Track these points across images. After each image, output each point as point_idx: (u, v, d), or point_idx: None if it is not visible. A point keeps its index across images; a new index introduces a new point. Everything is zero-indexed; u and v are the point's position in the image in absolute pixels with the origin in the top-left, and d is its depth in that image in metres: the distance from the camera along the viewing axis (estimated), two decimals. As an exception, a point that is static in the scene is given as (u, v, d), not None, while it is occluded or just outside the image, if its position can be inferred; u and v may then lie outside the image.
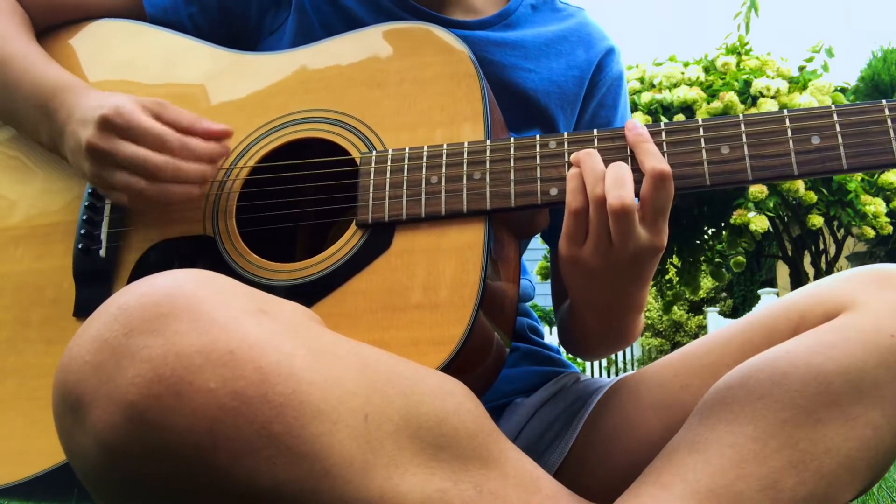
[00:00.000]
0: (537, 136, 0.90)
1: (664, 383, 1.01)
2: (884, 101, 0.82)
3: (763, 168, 0.84)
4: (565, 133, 0.90)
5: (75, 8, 1.15)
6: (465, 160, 0.91)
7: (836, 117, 0.83)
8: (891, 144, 0.81)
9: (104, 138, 0.92)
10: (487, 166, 0.90)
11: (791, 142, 0.83)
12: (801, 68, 6.39)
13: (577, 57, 1.18)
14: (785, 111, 0.85)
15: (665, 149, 0.86)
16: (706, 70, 6.38)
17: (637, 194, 0.85)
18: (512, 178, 0.89)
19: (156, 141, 0.92)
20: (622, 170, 0.85)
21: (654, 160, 0.85)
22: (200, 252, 0.96)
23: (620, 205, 0.83)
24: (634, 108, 6.15)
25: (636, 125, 0.88)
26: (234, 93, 1.04)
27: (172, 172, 0.92)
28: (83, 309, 0.98)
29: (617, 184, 0.84)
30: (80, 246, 1.00)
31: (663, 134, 0.87)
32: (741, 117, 0.85)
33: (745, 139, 0.85)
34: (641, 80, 6.52)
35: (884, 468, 0.83)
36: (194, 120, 0.96)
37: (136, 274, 0.97)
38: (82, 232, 1.00)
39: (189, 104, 1.05)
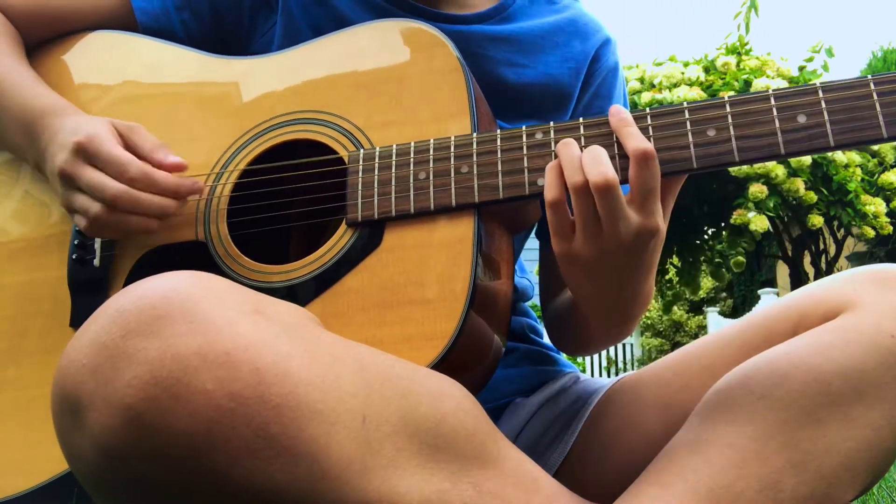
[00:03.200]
0: (524, 128, 0.90)
1: (664, 383, 1.00)
2: (869, 76, 0.81)
3: (749, 149, 0.83)
4: (551, 123, 0.90)
5: (66, 20, 1.15)
6: (453, 154, 0.90)
7: (821, 94, 0.82)
8: (878, 119, 0.80)
9: (72, 163, 0.93)
10: (475, 159, 0.90)
11: (777, 121, 0.83)
12: (801, 68, 6.40)
13: (573, 48, 1.18)
14: (770, 90, 0.84)
15: (651, 133, 0.86)
16: (706, 70, 6.39)
17: (625, 180, 0.84)
18: (499, 169, 0.89)
19: (117, 169, 0.92)
20: (596, 150, 0.84)
21: (637, 141, 0.83)
22: (193, 257, 0.96)
23: (603, 180, 0.81)
24: (634, 107, 6.14)
25: (620, 110, 0.87)
26: (223, 98, 1.05)
27: (128, 202, 0.92)
28: (79, 318, 0.98)
29: (595, 162, 0.82)
30: (74, 256, 1.00)
31: (649, 118, 0.86)
32: (726, 98, 0.85)
33: (730, 120, 0.84)
34: (641, 80, 6.53)
35: (884, 468, 0.82)
36: (154, 148, 0.96)
37: (131, 282, 0.96)
38: (76, 242, 1.00)
39: (180, 111, 1.06)
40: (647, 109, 0.87)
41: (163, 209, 0.94)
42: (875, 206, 6.11)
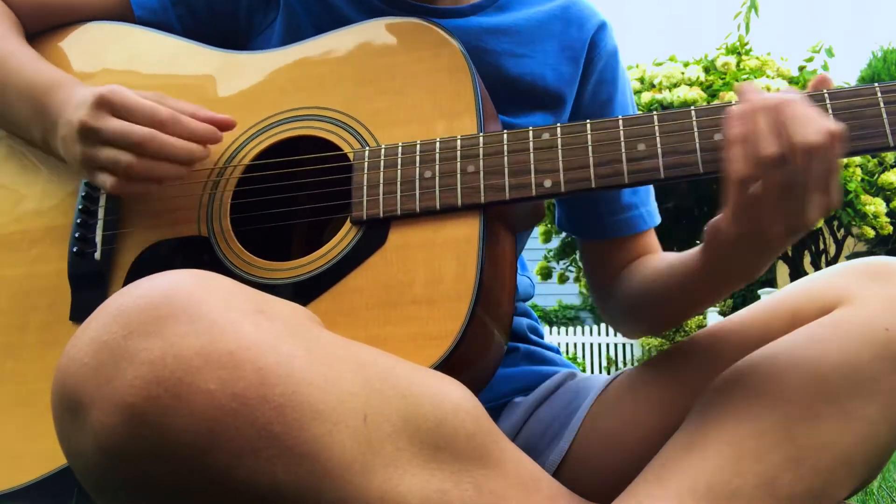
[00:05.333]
0: (530, 128, 0.90)
1: (661, 380, 1.00)
2: (876, 84, 0.81)
3: None
4: (558, 124, 0.90)
5: (64, 11, 1.15)
6: (459, 154, 0.90)
7: (828, 101, 0.82)
8: (884, 127, 0.80)
9: (95, 116, 0.91)
10: (481, 159, 0.90)
11: None
12: (801, 68, 6.40)
13: (571, 36, 1.17)
14: None
15: (658, 136, 0.86)
16: (706, 70, 6.39)
17: None
18: (506, 170, 0.89)
19: (145, 115, 0.91)
20: (799, 107, 0.77)
21: (822, 122, 0.77)
22: (196, 253, 0.96)
23: (828, 134, 0.75)
24: (634, 107, 6.14)
25: (749, 87, 0.82)
26: (225, 92, 1.04)
27: (158, 145, 0.91)
28: (79, 312, 0.97)
29: (806, 121, 0.76)
30: (74, 249, 0.99)
31: (655, 119, 0.86)
32: (732, 103, 0.84)
33: None
34: (641, 80, 6.52)
35: (880, 464, 0.83)
36: (197, 108, 0.96)
37: (132, 276, 0.97)
38: (77, 235, 1.00)
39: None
40: (654, 112, 0.86)
41: (191, 153, 0.93)
42: (875, 206, 6.12)
